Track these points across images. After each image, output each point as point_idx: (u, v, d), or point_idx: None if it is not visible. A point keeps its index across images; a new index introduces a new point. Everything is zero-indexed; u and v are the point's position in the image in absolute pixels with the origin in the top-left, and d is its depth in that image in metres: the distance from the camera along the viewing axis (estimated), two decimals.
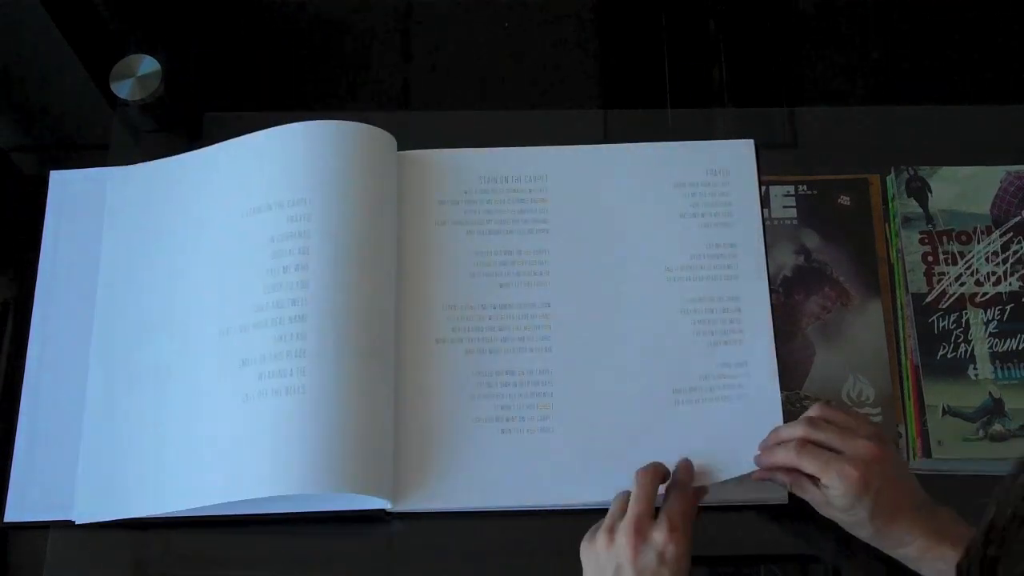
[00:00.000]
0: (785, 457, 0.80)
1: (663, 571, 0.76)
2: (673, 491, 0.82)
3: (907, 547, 0.77)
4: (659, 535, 0.77)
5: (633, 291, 0.93)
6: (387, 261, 0.93)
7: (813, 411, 0.82)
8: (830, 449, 0.79)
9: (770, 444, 0.83)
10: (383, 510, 0.88)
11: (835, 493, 0.77)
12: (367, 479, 0.85)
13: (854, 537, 0.81)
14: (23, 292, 0.96)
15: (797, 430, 0.81)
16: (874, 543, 0.79)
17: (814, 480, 0.79)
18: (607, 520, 0.80)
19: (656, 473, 0.82)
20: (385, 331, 0.90)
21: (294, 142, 0.94)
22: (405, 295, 0.93)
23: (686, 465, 0.84)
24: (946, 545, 0.76)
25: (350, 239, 0.90)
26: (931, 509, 0.78)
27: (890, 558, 0.80)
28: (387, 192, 0.95)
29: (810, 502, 0.81)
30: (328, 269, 0.89)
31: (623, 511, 0.80)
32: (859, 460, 0.77)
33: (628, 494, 0.81)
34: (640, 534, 0.77)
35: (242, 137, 0.96)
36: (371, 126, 0.95)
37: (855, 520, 0.78)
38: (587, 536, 0.81)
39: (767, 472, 0.82)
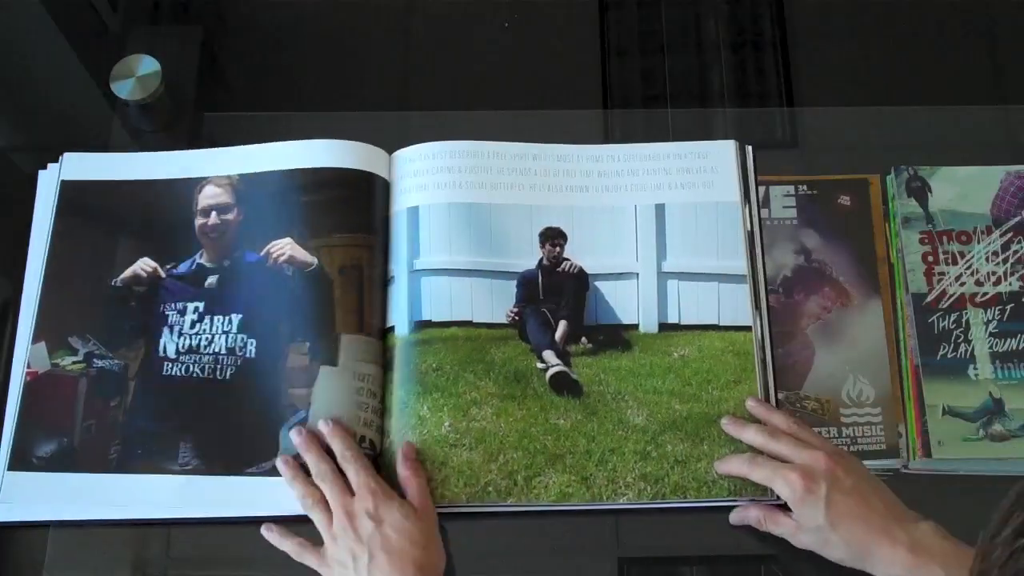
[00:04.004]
0: (738, 467, 0.85)
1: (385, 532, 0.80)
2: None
3: (893, 565, 0.77)
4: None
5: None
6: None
7: (776, 420, 0.86)
8: (783, 460, 0.83)
9: (731, 430, 0.87)
10: None
11: (788, 502, 0.81)
12: None
13: None
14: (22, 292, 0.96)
15: (757, 439, 0.85)
16: (859, 566, 0.79)
17: (783, 512, 0.83)
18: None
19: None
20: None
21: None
22: None
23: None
24: (934, 564, 0.76)
25: None
26: (911, 523, 0.79)
27: None
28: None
29: (784, 535, 0.83)
30: None
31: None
32: (804, 467, 0.80)
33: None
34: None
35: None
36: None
37: (823, 539, 0.80)
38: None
39: (742, 515, 0.86)
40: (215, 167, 0.97)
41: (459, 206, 0.95)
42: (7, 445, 0.89)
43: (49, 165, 0.99)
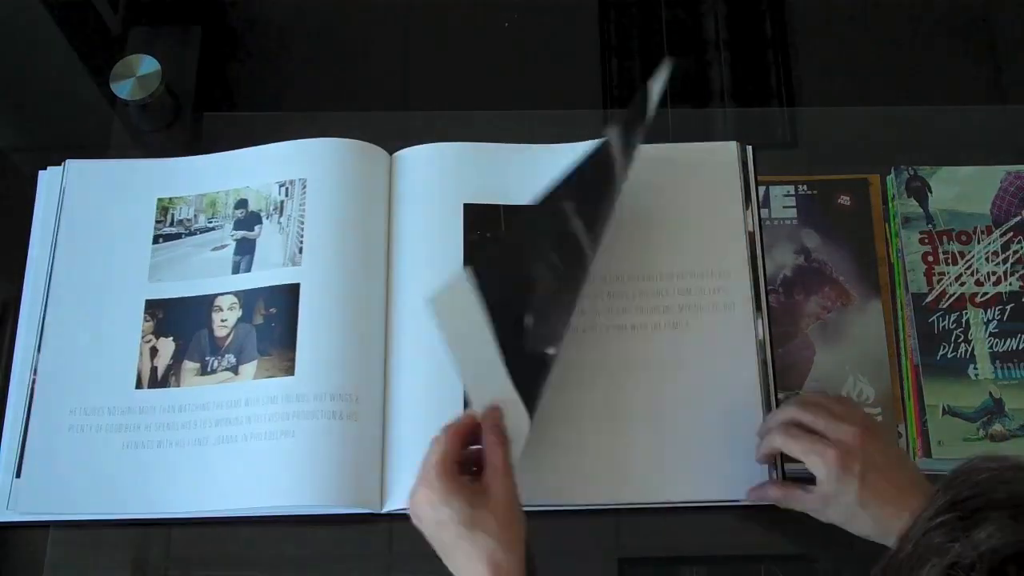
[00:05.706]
0: (771, 441, 0.82)
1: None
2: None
3: None
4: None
5: None
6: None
7: (806, 395, 0.85)
8: (817, 433, 0.80)
9: (764, 431, 0.85)
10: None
11: (819, 478, 0.79)
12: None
13: (854, 536, 0.81)
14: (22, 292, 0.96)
15: (788, 412, 0.83)
16: (883, 540, 0.78)
17: (802, 486, 0.81)
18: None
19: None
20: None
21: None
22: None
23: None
24: None
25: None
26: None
27: None
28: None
29: (807, 511, 0.82)
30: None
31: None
32: (840, 443, 0.78)
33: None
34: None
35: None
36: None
37: (850, 514, 0.79)
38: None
39: (760, 494, 0.85)
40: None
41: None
42: (15, 451, 0.89)
43: (49, 166, 0.99)
